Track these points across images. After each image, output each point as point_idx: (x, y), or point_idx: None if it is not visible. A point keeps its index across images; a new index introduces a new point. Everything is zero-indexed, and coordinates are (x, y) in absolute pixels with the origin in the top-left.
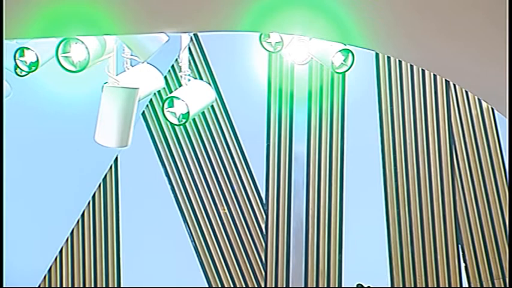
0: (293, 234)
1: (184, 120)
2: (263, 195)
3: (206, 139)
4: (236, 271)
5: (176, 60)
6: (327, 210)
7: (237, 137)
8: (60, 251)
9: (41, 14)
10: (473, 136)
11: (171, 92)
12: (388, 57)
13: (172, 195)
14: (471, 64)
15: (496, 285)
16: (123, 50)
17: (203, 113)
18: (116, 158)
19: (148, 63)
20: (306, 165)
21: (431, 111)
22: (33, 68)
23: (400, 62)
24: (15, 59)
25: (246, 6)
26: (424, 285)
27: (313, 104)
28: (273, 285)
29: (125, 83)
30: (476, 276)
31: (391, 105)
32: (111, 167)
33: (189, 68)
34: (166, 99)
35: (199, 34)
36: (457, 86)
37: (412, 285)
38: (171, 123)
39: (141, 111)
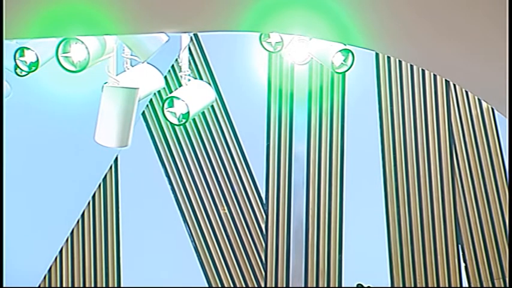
0: (293, 234)
1: (184, 120)
2: (263, 195)
3: (206, 139)
4: (236, 271)
5: (176, 60)
6: (327, 210)
7: (237, 137)
8: (60, 251)
9: (41, 14)
10: (473, 136)
11: (171, 92)
12: (388, 57)
13: (172, 195)
14: (471, 64)
15: (496, 285)
16: (123, 50)
17: (203, 113)
18: (116, 158)
19: (148, 63)
20: (306, 165)
21: (431, 111)
22: (33, 68)
23: (400, 62)
24: (15, 59)
25: (246, 6)
26: (424, 285)
27: (313, 104)
28: (273, 285)
29: (125, 83)
30: (476, 276)
31: (391, 105)
32: (111, 167)
33: (189, 68)
34: (166, 99)
35: (199, 34)
36: (457, 86)
37: (412, 285)
38: (171, 123)
39: (141, 111)
